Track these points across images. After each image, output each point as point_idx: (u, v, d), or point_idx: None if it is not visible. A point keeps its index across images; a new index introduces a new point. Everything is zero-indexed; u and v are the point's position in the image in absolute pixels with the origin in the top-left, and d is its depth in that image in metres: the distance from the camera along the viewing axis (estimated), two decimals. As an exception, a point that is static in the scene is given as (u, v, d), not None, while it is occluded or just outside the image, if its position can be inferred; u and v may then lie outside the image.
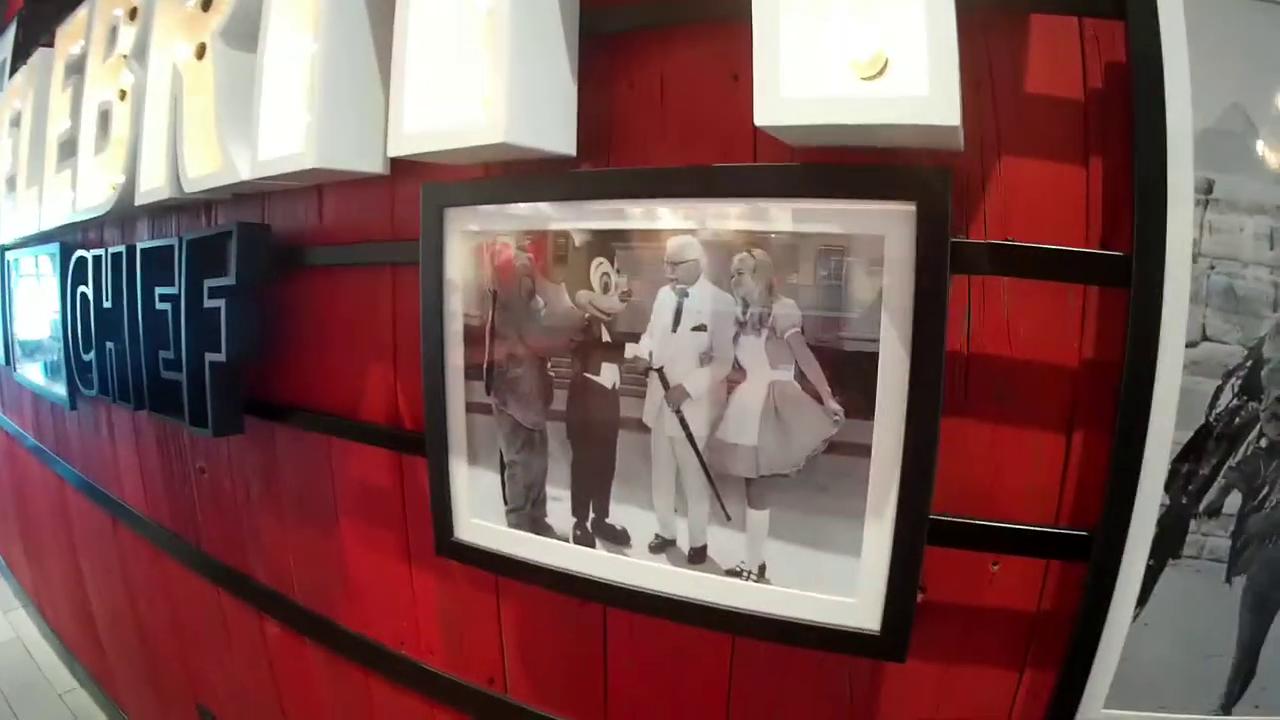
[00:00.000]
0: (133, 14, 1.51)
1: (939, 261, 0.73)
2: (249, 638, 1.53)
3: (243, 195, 1.31)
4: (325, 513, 1.29)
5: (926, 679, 0.84)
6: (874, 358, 0.76)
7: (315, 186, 1.19)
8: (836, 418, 0.78)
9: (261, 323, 1.30)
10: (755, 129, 0.71)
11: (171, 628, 1.82)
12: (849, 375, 0.77)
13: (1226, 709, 0.77)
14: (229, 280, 1.29)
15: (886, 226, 0.74)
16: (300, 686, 1.45)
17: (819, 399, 0.78)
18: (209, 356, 1.33)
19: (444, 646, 1.17)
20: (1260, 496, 0.73)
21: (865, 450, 0.78)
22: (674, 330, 0.84)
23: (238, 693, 1.65)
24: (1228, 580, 0.75)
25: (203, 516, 1.61)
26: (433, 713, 1.20)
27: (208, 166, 1.27)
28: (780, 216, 0.79)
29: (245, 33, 1.19)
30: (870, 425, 0.78)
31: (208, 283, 1.32)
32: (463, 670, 1.16)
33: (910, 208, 0.73)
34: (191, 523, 1.64)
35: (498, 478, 0.99)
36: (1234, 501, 0.73)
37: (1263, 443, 0.72)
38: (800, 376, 0.79)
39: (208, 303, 1.32)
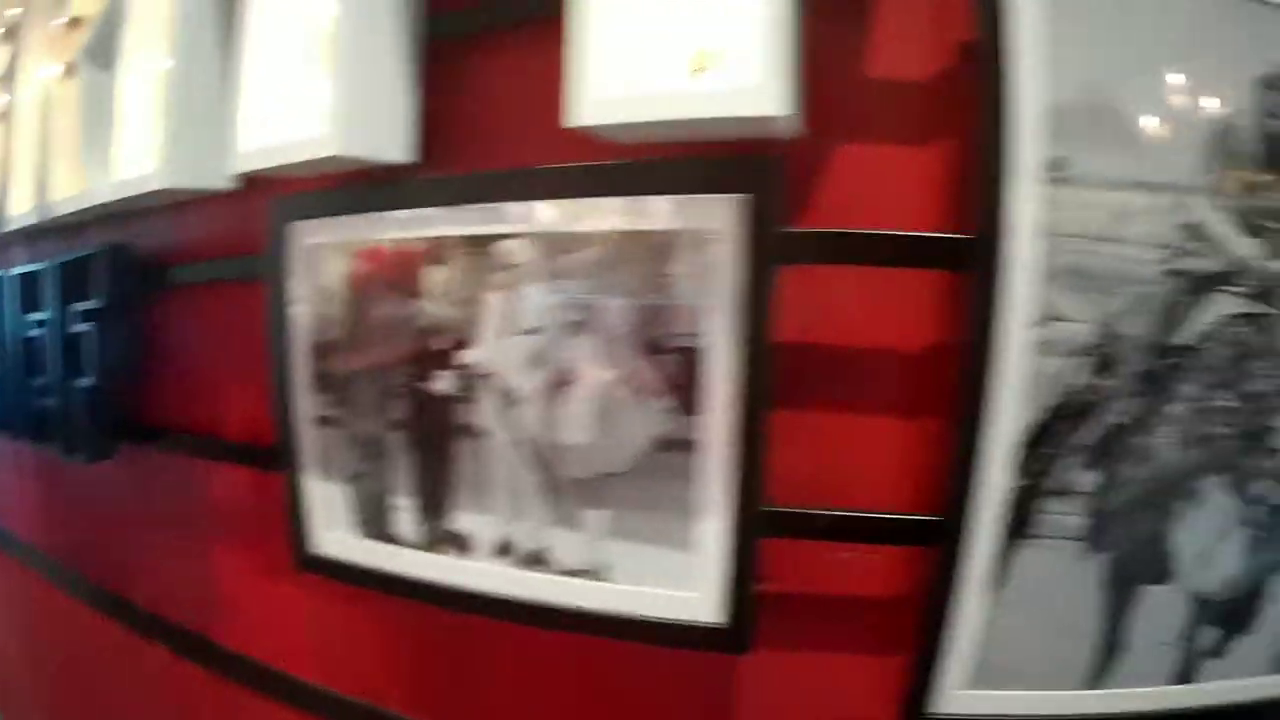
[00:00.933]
0: (6, 35, 1.44)
1: (764, 253, 0.72)
2: (135, 665, 1.45)
3: (112, 216, 1.25)
4: (197, 534, 1.24)
5: (787, 670, 0.83)
6: (700, 353, 0.73)
7: (176, 204, 1.13)
8: (664, 415, 0.75)
9: (131, 345, 1.25)
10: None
11: (64, 661, 1.71)
12: (677, 371, 0.75)
13: (1093, 685, 0.77)
14: (97, 303, 1.22)
15: (715, 220, 0.72)
16: (188, 711, 1.37)
17: (647, 397, 0.76)
18: (79, 382, 1.25)
19: (317, 660, 1.12)
20: (1116, 474, 0.73)
21: (694, 446, 0.75)
22: (502, 335, 0.80)
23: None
24: (1087, 558, 0.74)
25: (86, 544, 1.53)
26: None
27: (72, 188, 1.21)
28: (607, 215, 0.76)
29: (109, 51, 1.14)
30: (699, 421, 0.75)
31: (77, 307, 1.25)
32: (337, 683, 1.11)
33: (739, 199, 0.71)
34: (76, 551, 1.55)
35: (348, 489, 0.94)
36: (1089, 480, 0.73)
37: (1116, 420, 0.72)
38: (629, 376, 0.76)
39: (77, 327, 1.24)
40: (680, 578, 0.79)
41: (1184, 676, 0.77)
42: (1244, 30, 0.69)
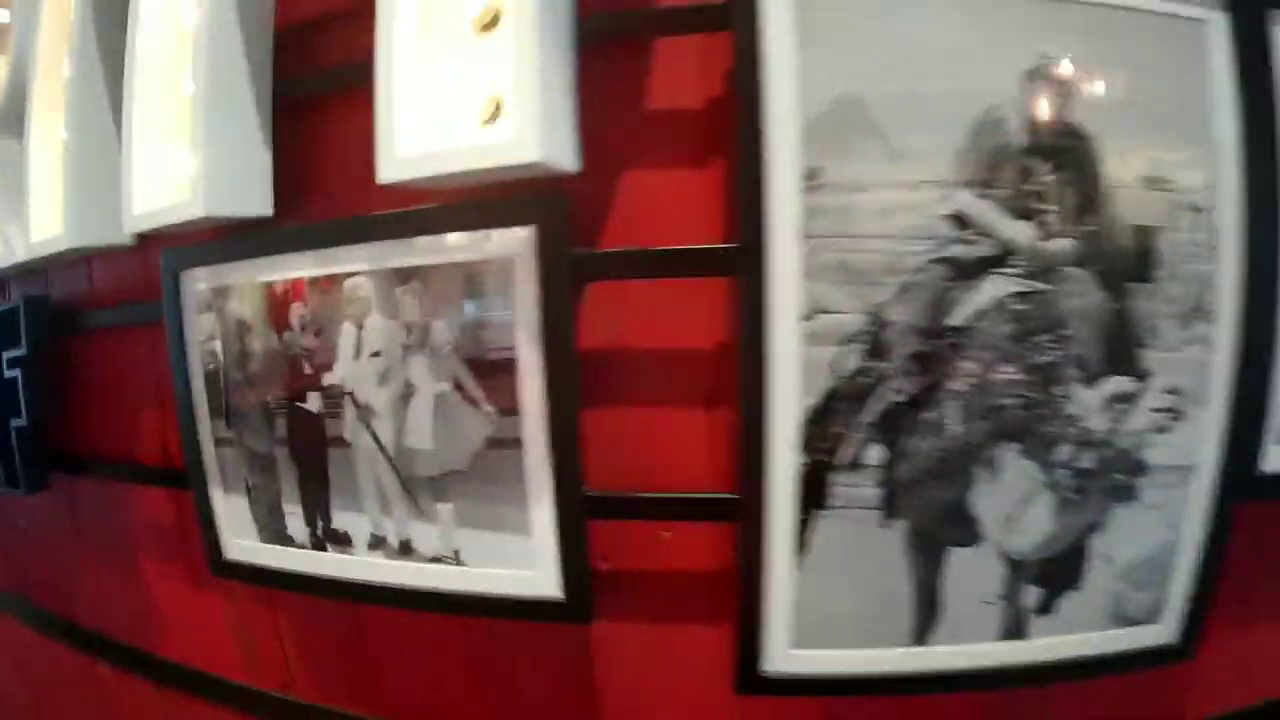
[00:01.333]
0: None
1: (560, 274, 0.86)
2: (86, 684, 1.58)
3: (31, 270, 1.38)
4: (128, 553, 1.37)
5: (630, 638, 0.97)
6: (514, 364, 0.88)
7: (85, 259, 1.27)
8: (491, 418, 0.90)
9: (55, 386, 1.37)
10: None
11: (21, 690, 1.83)
12: (498, 381, 0.90)
13: (918, 642, 0.86)
14: (21, 351, 1.35)
15: (515, 249, 0.87)
16: None
17: (475, 404, 0.91)
18: (14, 423, 1.38)
19: (241, 660, 1.25)
20: (902, 447, 0.81)
21: (519, 443, 0.90)
22: (356, 358, 0.95)
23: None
24: (884, 525, 0.83)
25: (32, 571, 1.65)
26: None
27: (-7, 248, 1.34)
28: (428, 251, 0.91)
29: (19, 122, 1.27)
30: (520, 421, 0.89)
31: (5, 354, 1.38)
32: (258, 679, 1.24)
33: (532, 230, 0.85)
34: (24, 579, 1.68)
35: (247, 501, 1.09)
36: (877, 454, 0.81)
37: (897, 398, 0.80)
38: (459, 386, 0.91)
39: (6, 373, 1.38)
40: (522, 559, 0.93)
41: (1013, 633, 0.85)
42: (1010, 24, 0.78)
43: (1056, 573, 0.86)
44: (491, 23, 0.81)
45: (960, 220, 0.78)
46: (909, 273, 0.78)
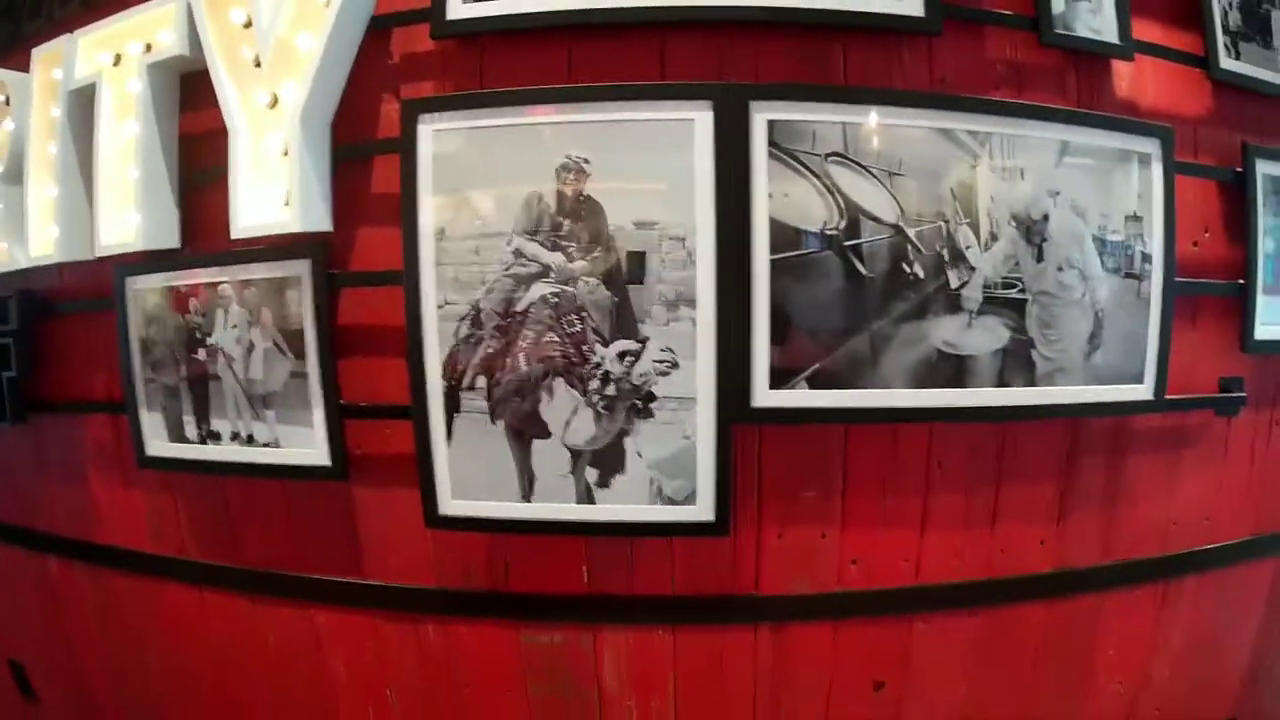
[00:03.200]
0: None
1: (322, 285, 1.71)
2: (38, 578, 2.38)
3: (23, 273, 2.22)
4: (80, 468, 2.19)
5: (372, 496, 1.81)
6: (304, 332, 1.74)
7: (59, 266, 2.11)
8: (293, 362, 1.76)
9: (34, 351, 2.20)
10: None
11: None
12: (295, 342, 1.76)
13: (527, 499, 1.68)
14: (13, 326, 2.18)
15: (301, 270, 1.73)
16: (76, 602, 2.30)
17: (285, 354, 1.77)
18: (4, 374, 2.21)
19: (150, 534, 2.08)
20: (496, 378, 1.63)
21: (305, 376, 1.75)
22: (224, 329, 1.81)
23: (38, 637, 2.48)
24: (493, 424, 1.67)
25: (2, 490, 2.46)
26: (158, 586, 2.09)
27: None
28: (260, 270, 1.77)
29: (19, 173, 2.12)
30: (305, 363, 1.76)
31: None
32: (162, 548, 2.07)
33: (308, 261, 1.72)
34: None
35: (162, 416, 1.93)
36: (484, 381, 1.65)
37: (489, 350, 1.65)
38: (276, 344, 1.77)
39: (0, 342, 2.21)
40: (310, 444, 1.78)
41: (587, 499, 1.66)
42: (546, 137, 1.66)
43: (604, 461, 1.65)
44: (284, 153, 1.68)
45: (519, 253, 1.63)
46: (491, 282, 1.63)
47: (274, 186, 1.70)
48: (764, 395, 1.59)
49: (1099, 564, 1.87)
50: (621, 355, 1.59)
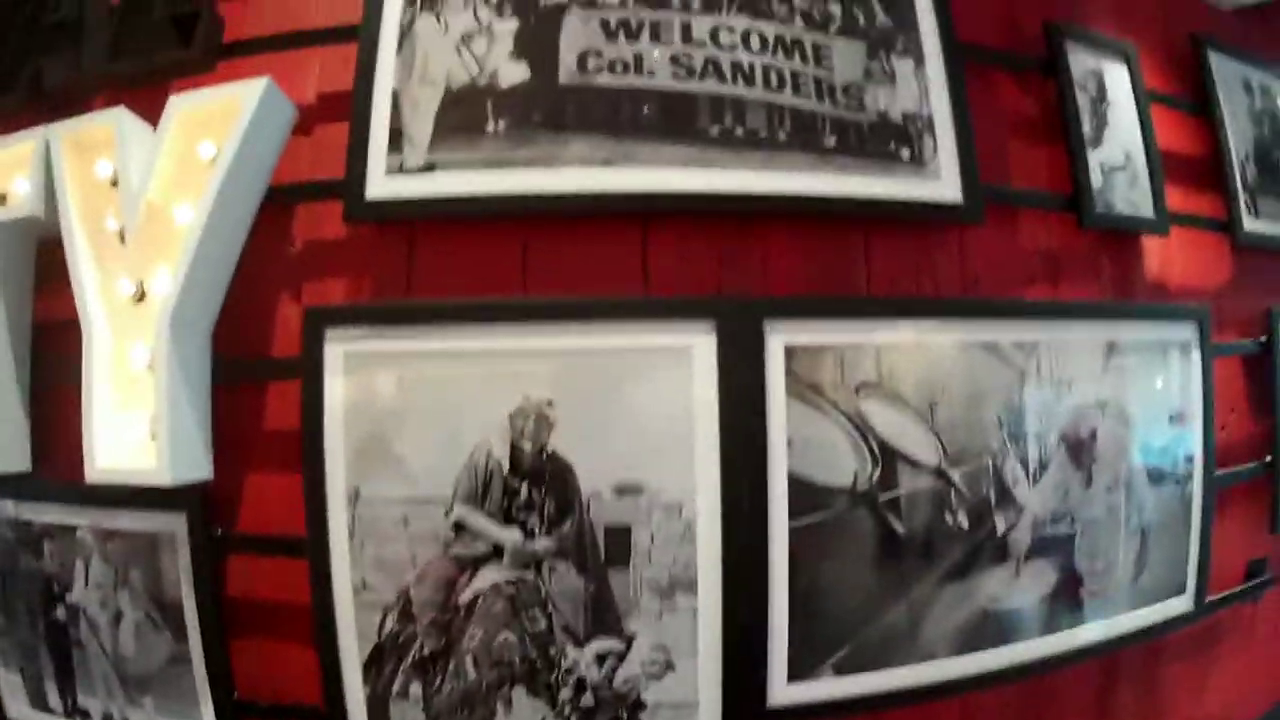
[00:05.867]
0: None
1: (205, 552, 1.06)
2: None
3: None
4: None
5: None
6: (182, 605, 1.05)
7: None
8: (172, 642, 1.07)
9: None
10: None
11: None
12: (175, 615, 1.06)
13: None
14: None
15: (174, 524, 1.04)
16: None
17: (161, 630, 1.07)
18: None
19: None
20: (436, 686, 1.00)
21: (188, 660, 1.07)
22: (85, 586, 1.11)
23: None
24: None
25: None
26: None
27: None
28: (127, 519, 1.08)
29: None
30: (188, 646, 1.07)
31: None
32: None
33: (183, 513, 1.04)
34: None
35: (20, 677, 1.21)
36: (416, 690, 1.00)
37: (425, 651, 1.01)
38: (149, 616, 1.08)
39: None
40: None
41: None
42: (497, 371, 1.00)
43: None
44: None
45: (462, 526, 0.99)
46: (424, 564, 1.00)
47: (139, 411, 1.05)
48: (782, 691, 1.03)
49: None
50: (601, 657, 1.01)
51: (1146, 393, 1.24)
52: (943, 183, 1.09)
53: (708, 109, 1.05)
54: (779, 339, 1.01)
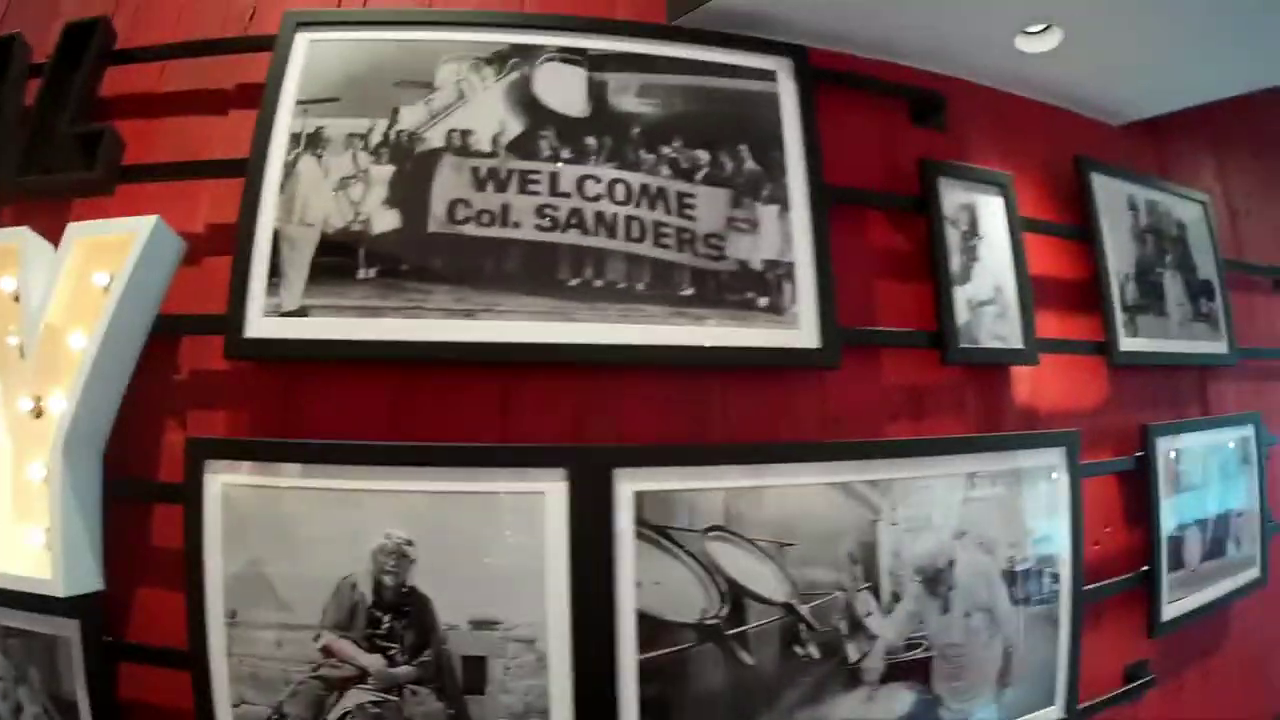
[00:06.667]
0: None
1: (97, 659, 1.12)
2: None
3: None
4: None
5: None
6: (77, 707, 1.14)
7: None
8: None
9: None
10: None
11: None
12: (70, 715, 1.15)
13: None
14: None
15: (71, 633, 1.12)
16: None
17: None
18: None
19: None
20: None
21: None
22: None
23: None
24: None
25: None
26: None
27: None
28: (22, 622, 1.16)
29: None
30: None
31: None
32: None
33: (75, 624, 1.11)
34: None
35: None
36: None
37: None
38: (47, 714, 1.16)
39: None
40: None
41: None
42: (365, 512, 1.07)
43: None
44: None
45: (329, 651, 1.07)
46: (296, 684, 1.08)
47: (36, 523, 1.13)
48: (632, 813, 1.07)
49: None
50: (458, 779, 1.06)
51: (1009, 519, 1.30)
52: (800, 330, 1.14)
53: (569, 260, 1.10)
54: (628, 485, 1.07)
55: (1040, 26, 1.37)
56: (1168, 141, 1.83)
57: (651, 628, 1.09)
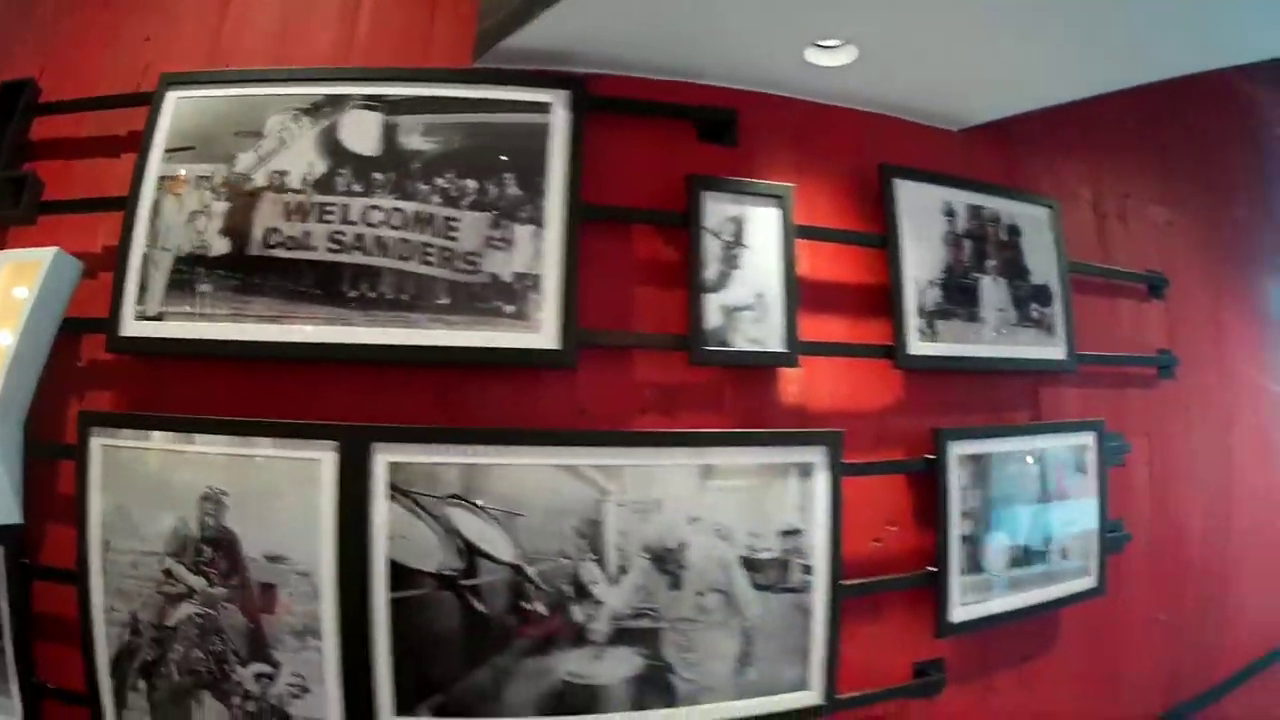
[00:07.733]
0: None
1: (16, 578, 1.53)
2: None
3: None
4: None
5: None
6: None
7: None
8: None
9: None
10: None
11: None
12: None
13: None
14: None
15: None
16: None
17: None
18: None
19: None
20: (154, 683, 1.41)
21: (4, 653, 1.57)
22: None
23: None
24: None
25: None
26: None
27: None
28: None
29: None
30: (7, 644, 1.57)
31: None
32: None
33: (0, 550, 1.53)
34: None
35: None
36: (142, 684, 1.43)
37: (146, 657, 1.42)
38: None
39: None
40: (10, 712, 1.60)
41: None
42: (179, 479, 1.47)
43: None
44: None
45: (169, 573, 1.43)
46: (146, 596, 1.43)
47: (-25, 474, 1.51)
48: (390, 720, 1.37)
49: None
50: (258, 676, 1.40)
51: (753, 510, 1.50)
52: (541, 333, 1.40)
53: (350, 276, 1.42)
54: (383, 457, 1.37)
55: (833, 43, 1.47)
56: (1019, 147, 1.90)
57: (399, 573, 1.37)
